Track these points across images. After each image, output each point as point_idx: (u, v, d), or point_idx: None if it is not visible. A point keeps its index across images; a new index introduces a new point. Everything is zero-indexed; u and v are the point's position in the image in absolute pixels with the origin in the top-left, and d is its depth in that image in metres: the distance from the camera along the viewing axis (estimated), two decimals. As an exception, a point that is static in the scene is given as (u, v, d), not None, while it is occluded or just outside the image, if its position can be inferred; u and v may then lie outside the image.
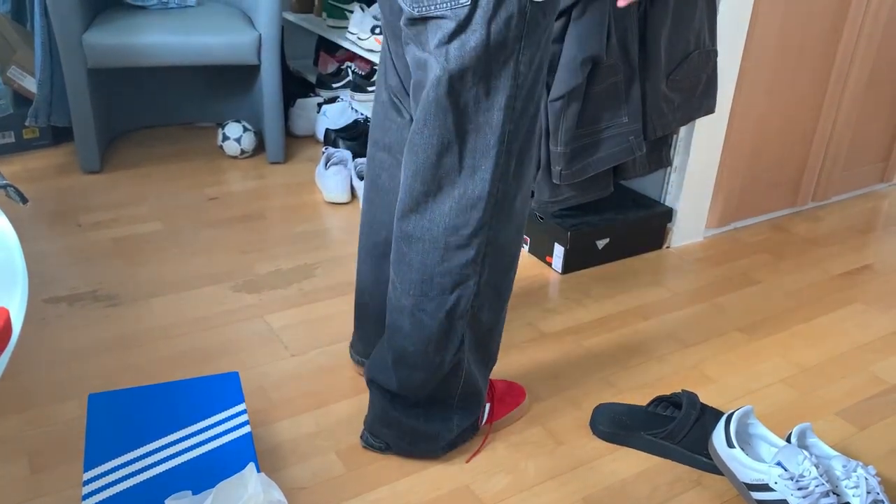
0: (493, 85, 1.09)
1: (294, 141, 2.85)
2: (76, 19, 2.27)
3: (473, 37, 1.05)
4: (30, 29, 2.57)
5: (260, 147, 2.71)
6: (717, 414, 1.45)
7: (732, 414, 1.37)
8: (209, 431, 1.20)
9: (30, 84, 2.50)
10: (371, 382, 1.36)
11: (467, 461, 1.40)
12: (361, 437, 1.41)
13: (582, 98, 1.75)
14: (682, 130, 2.07)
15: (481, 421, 1.43)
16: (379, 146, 1.39)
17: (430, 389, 1.31)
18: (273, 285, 1.92)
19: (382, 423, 1.36)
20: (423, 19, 1.07)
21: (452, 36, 1.05)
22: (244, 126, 2.63)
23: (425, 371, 1.28)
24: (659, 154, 2.05)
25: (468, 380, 1.32)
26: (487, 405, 1.44)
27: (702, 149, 2.10)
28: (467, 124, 1.12)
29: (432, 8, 1.05)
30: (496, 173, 1.15)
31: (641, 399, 1.58)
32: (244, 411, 1.24)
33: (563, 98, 1.73)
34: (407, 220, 1.20)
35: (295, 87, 2.96)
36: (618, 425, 1.46)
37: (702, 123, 2.05)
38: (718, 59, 1.96)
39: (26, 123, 2.49)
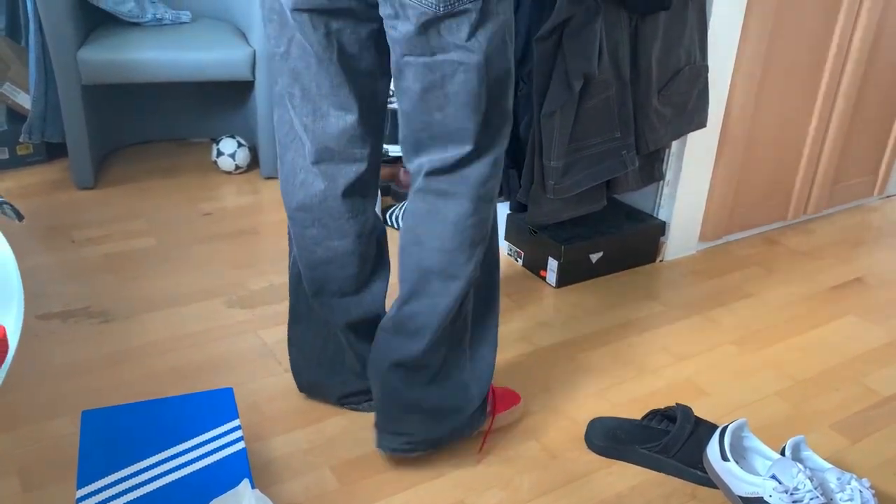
0: (508, 56, 1.21)
1: (288, 156, 2.86)
2: (70, 36, 2.28)
3: (494, 21, 1.15)
4: (24, 45, 2.58)
5: (254, 162, 2.71)
6: (712, 427, 1.45)
7: (727, 427, 1.38)
8: (203, 448, 1.19)
9: (24, 100, 2.51)
10: (379, 376, 1.36)
11: (480, 449, 1.43)
12: (379, 445, 1.40)
13: (574, 113, 1.76)
14: (674, 145, 2.08)
15: (490, 406, 1.46)
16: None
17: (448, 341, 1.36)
18: (266, 300, 1.92)
19: (404, 410, 1.36)
20: (442, 18, 1.11)
21: (478, 25, 1.13)
22: (238, 141, 2.64)
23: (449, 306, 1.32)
24: (651, 168, 2.07)
25: (478, 324, 1.41)
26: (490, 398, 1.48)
27: (694, 163, 2.12)
28: (497, 94, 1.22)
29: (457, 3, 1.10)
30: (509, 129, 1.29)
31: (636, 413, 1.58)
32: (238, 427, 1.23)
33: (556, 113, 1.75)
34: (439, 180, 1.26)
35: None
36: (612, 439, 1.46)
37: (693, 138, 2.07)
38: (709, 74, 1.98)
39: (20, 140, 2.49)
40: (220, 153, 2.62)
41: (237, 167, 2.64)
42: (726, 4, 1.94)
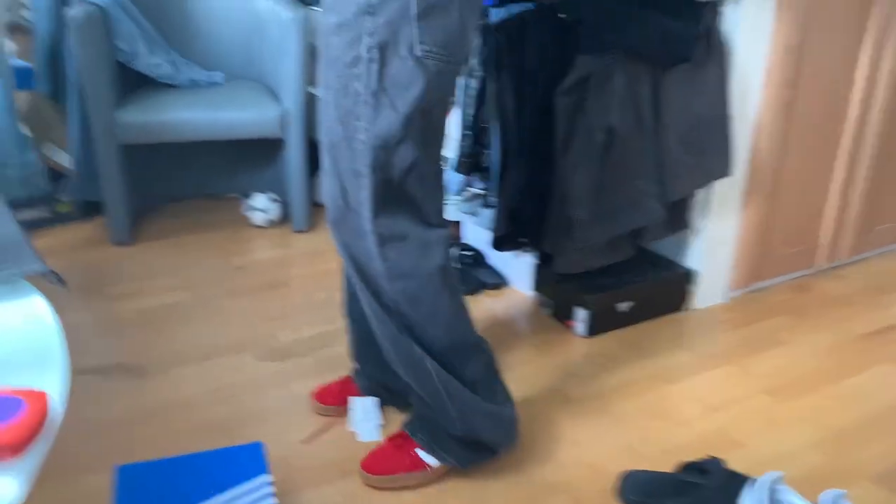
0: None
1: (319, 209, 2.90)
2: (109, 98, 2.36)
3: None
4: (65, 107, 2.68)
5: (285, 216, 2.76)
6: (746, 480, 1.43)
7: (762, 480, 1.35)
8: (235, 503, 1.20)
9: (64, 160, 2.60)
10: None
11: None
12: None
13: (598, 164, 1.79)
14: (701, 193, 2.09)
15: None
16: None
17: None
18: (297, 353, 1.94)
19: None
20: None
21: None
22: (270, 197, 2.70)
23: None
24: (678, 217, 2.07)
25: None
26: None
27: (721, 211, 2.12)
28: None
29: None
30: None
31: (668, 465, 1.56)
32: (269, 482, 1.24)
33: (580, 164, 1.77)
34: None
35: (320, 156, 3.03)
36: (645, 493, 1.44)
37: (719, 185, 2.07)
38: (732, 122, 1.99)
39: (60, 198, 2.57)
40: (252, 208, 2.68)
41: (269, 221, 2.69)
42: (748, 53, 1.96)
